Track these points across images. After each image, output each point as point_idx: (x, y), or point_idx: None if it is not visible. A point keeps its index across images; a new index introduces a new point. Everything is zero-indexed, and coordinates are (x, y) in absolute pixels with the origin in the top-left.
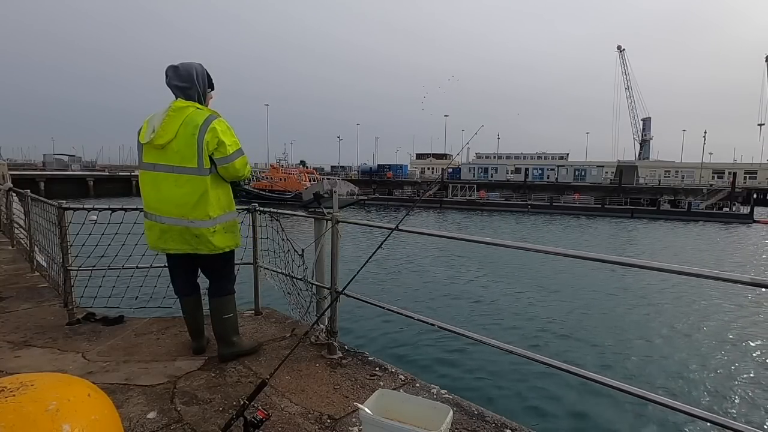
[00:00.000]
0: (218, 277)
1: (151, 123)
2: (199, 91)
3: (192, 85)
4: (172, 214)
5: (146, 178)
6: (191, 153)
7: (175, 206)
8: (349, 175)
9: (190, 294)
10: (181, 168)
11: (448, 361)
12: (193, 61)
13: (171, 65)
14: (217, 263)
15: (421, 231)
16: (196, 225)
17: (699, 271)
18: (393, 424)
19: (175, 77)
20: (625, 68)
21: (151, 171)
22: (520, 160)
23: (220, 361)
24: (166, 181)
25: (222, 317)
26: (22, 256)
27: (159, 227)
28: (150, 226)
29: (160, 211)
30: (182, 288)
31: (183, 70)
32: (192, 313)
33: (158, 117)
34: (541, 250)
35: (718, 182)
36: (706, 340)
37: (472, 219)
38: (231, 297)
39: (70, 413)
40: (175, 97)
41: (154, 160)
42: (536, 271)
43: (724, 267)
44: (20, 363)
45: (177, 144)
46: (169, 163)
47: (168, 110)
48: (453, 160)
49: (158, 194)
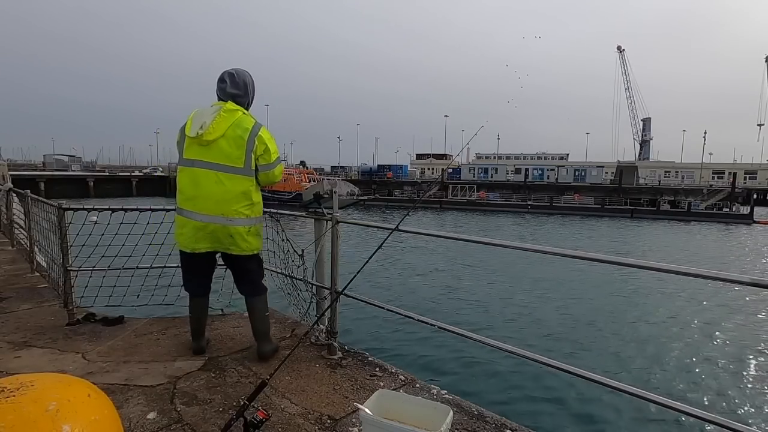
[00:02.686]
0: (254, 277)
1: (198, 119)
2: (249, 100)
3: (245, 93)
4: (210, 210)
5: (186, 174)
6: (239, 153)
7: (215, 203)
8: (349, 176)
9: (202, 295)
10: (226, 166)
11: (448, 361)
12: (245, 70)
13: (228, 72)
14: (252, 263)
15: (421, 231)
16: (234, 223)
17: (699, 272)
18: (393, 425)
19: (232, 85)
20: (625, 68)
21: (192, 167)
22: (520, 161)
23: (261, 358)
24: (206, 178)
25: (264, 315)
26: (22, 257)
27: (193, 224)
28: (183, 224)
29: (197, 207)
30: (197, 289)
31: (239, 78)
32: (199, 314)
33: (207, 114)
34: (541, 250)
35: (718, 182)
36: (705, 341)
37: (472, 219)
38: (266, 295)
39: (70, 414)
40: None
41: (197, 156)
42: (536, 271)
43: (723, 267)
44: (20, 363)
45: (225, 142)
46: (214, 160)
47: (220, 110)
48: (453, 161)
49: (197, 191)
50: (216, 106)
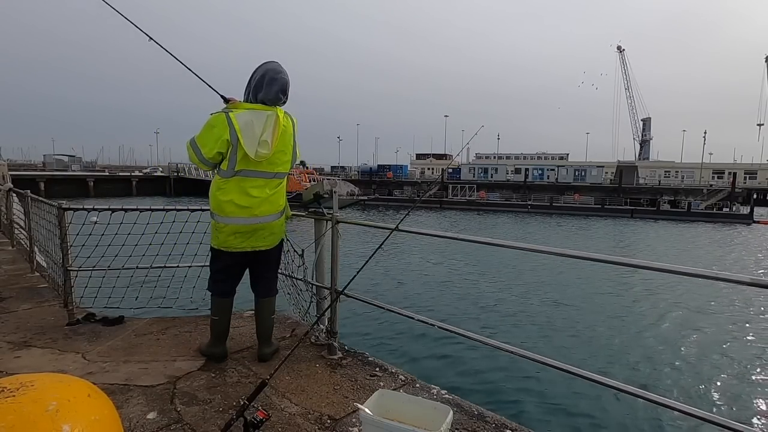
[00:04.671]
0: (273, 276)
1: (250, 134)
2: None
3: (287, 99)
4: (262, 213)
5: (233, 185)
6: (287, 159)
7: (268, 206)
8: (349, 176)
9: (233, 293)
10: (273, 173)
11: (448, 361)
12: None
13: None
14: (279, 253)
15: (421, 231)
16: (277, 217)
17: (699, 271)
18: (393, 425)
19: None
20: (625, 68)
21: (240, 177)
22: (520, 161)
23: (261, 360)
24: (257, 186)
25: (270, 317)
26: (22, 257)
27: (251, 227)
28: (235, 230)
29: (253, 213)
30: (230, 288)
31: (286, 83)
32: (227, 315)
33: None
34: (541, 250)
35: (718, 182)
36: (706, 341)
37: (472, 219)
38: (275, 298)
39: (70, 414)
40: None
41: (252, 167)
42: (536, 271)
43: (723, 267)
44: (20, 363)
45: (280, 156)
46: (263, 169)
47: (267, 120)
48: (453, 161)
49: (250, 198)
50: (262, 113)
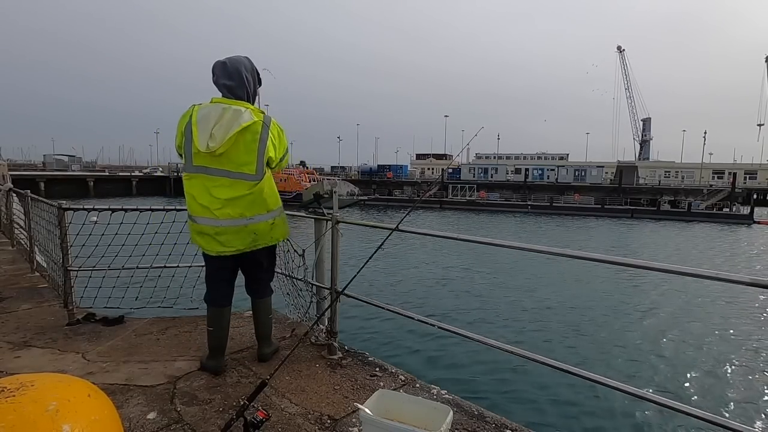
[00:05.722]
0: (266, 277)
1: (204, 124)
2: (249, 90)
3: (242, 83)
4: (228, 215)
5: (197, 182)
6: (250, 159)
7: (232, 207)
8: (349, 176)
9: (228, 304)
10: (238, 173)
11: (448, 361)
12: (240, 56)
13: (219, 61)
14: (271, 256)
15: (421, 231)
16: (255, 221)
17: (699, 272)
18: (393, 425)
19: (224, 75)
20: (625, 69)
21: (203, 174)
22: (520, 161)
23: (261, 360)
24: (220, 185)
25: (268, 318)
26: (22, 257)
27: (213, 230)
28: (200, 230)
29: (213, 214)
30: (222, 297)
31: (231, 67)
32: (223, 327)
33: (212, 118)
34: (541, 250)
35: (718, 182)
36: (706, 341)
37: (472, 219)
38: (271, 298)
39: (70, 414)
40: (221, 95)
41: (208, 163)
42: (536, 271)
43: (723, 267)
44: (20, 363)
45: (235, 152)
46: (225, 168)
47: (223, 114)
48: (453, 161)
49: (211, 198)
50: (219, 106)
